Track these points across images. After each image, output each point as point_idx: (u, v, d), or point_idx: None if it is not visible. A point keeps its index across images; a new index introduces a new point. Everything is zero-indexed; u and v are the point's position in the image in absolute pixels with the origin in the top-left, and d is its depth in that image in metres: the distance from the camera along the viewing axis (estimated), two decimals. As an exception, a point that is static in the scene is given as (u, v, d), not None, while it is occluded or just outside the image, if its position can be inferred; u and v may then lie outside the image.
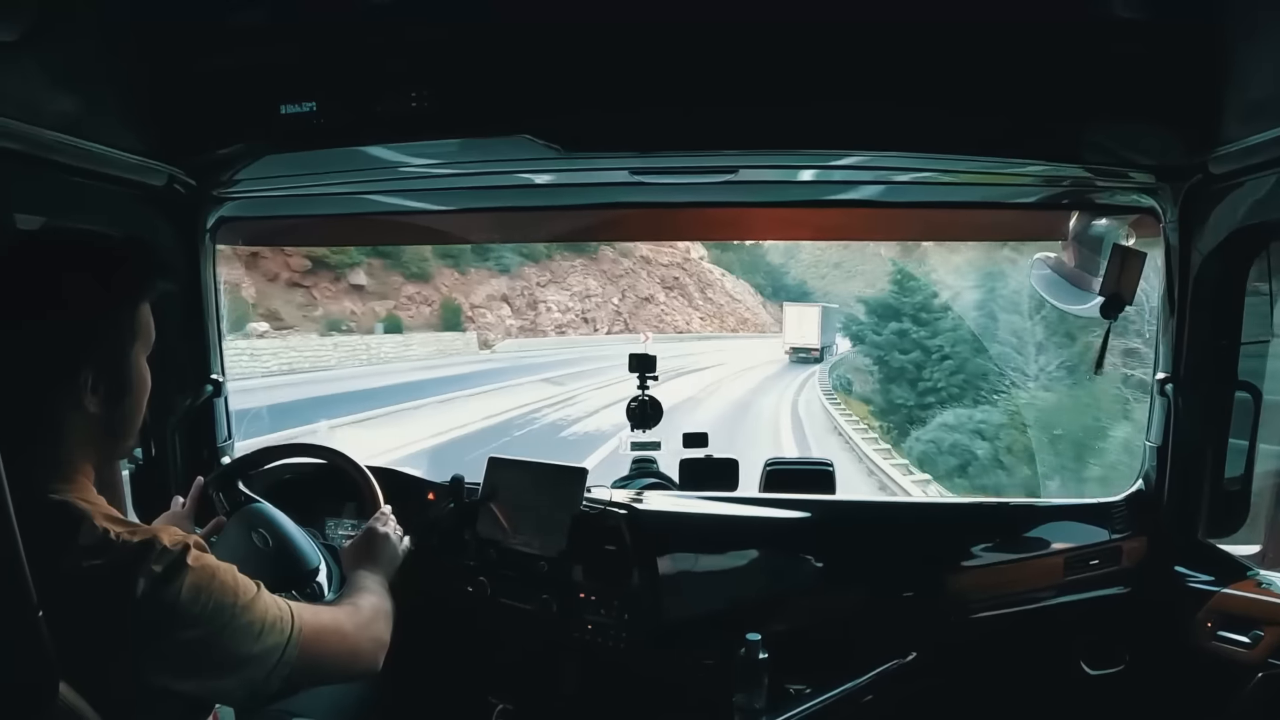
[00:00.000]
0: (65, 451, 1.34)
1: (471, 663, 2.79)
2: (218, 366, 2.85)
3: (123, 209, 2.35)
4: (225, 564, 1.37)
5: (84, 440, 1.36)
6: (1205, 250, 2.36)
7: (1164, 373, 2.54)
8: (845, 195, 2.81)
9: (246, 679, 1.37)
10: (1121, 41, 1.95)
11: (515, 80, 2.06)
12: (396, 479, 2.79)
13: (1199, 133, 2.11)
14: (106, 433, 1.40)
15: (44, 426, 1.32)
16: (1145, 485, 2.70)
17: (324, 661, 1.51)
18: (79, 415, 1.34)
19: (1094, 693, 2.64)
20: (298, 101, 2.12)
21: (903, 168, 2.52)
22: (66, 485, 1.32)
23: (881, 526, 2.85)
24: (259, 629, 1.37)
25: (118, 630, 1.23)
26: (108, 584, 1.23)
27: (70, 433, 1.34)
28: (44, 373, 1.31)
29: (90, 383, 1.34)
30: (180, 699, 1.37)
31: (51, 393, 1.32)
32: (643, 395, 2.97)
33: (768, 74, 2.02)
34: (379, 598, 1.84)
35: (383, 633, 1.75)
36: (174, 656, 1.28)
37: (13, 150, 1.79)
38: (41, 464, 1.29)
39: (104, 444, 1.41)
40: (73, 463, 1.35)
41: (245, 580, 1.38)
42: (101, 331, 1.38)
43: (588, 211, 2.99)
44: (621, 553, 2.60)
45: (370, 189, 2.74)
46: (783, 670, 2.39)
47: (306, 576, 2.08)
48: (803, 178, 2.67)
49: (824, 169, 2.58)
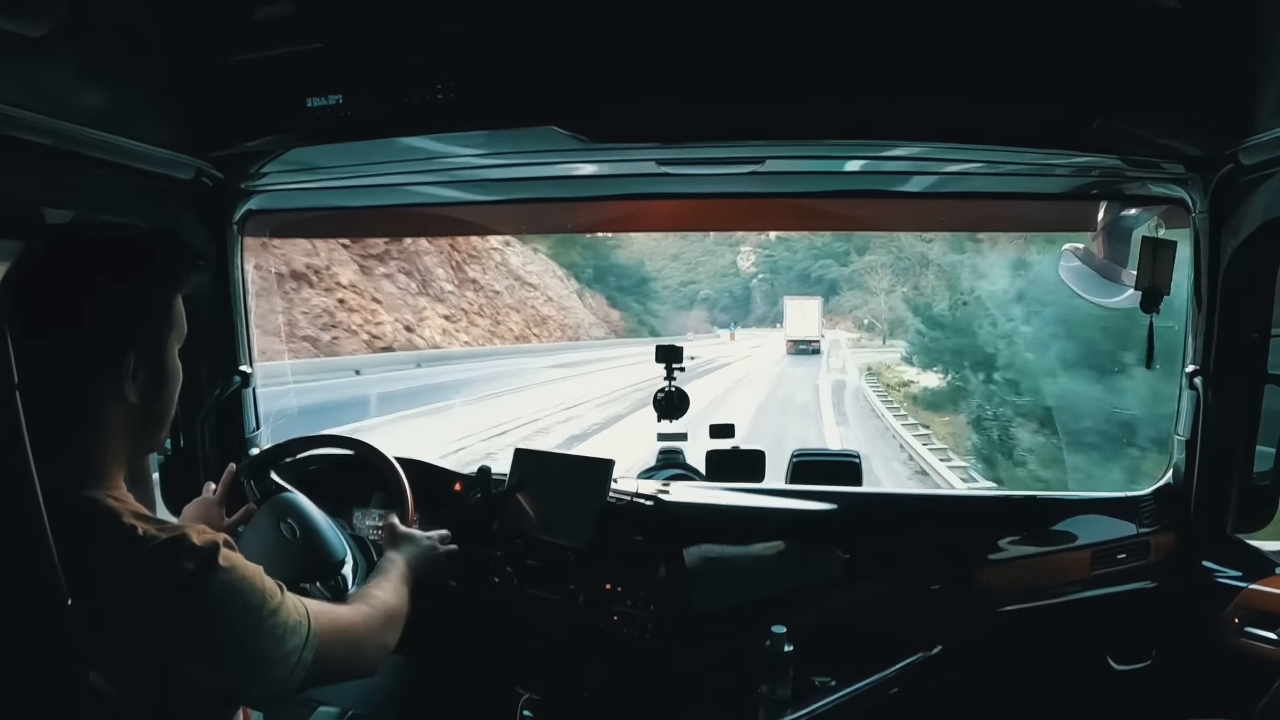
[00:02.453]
0: (102, 444, 1.35)
1: (498, 653, 2.80)
2: (246, 358, 2.87)
3: (151, 202, 2.36)
4: (254, 565, 1.37)
5: (121, 432, 1.37)
6: (1236, 241, 2.34)
7: (1193, 365, 2.52)
8: (872, 186, 2.80)
9: (268, 681, 1.38)
10: (1152, 30, 1.93)
11: (542, 71, 2.06)
12: (424, 470, 2.81)
13: (1230, 123, 2.09)
14: (143, 423, 1.41)
15: (85, 418, 1.33)
16: (1174, 479, 2.68)
17: (332, 663, 1.51)
18: (119, 405, 1.35)
19: (1120, 688, 2.63)
20: (324, 94, 2.12)
21: (931, 158, 2.51)
22: (98, 481, 1.32)
23: (908, 519, 2.84)
24: (282, 631, 1.37)
25: (146, 628, 1.24)
26: (136, 582, 1.23)
27: (109, 424, 1.35)
28: (90, 361, 1.32)
29: (132, 371, 1.34)
30: (207, 695, 1.37)
31: (95, 382, 1.33)
32: (669, 386, 2.97)
33: (795, 65, 2.01)
34: (396, 599, 1.83)
35: (390, 638, 1.74)
36: (200, 655, 1.29)
37: (42, 145, 1.80)
38: (77, 459, 1.30)
39: (139, 436, 1.41)
40: (107, 456, 1.35)
41: (271, 583, 1.38)
42: (144, 320, 1.40)
43: (614, 203, 2.99)
44: (648, 544, 2.61)
45: (397, 181, 2.75)
46: (808, 662, 2.38)
47: (332, 568, 2.08)
48: (829, 169, 2.66)
49: (851, 160, 2.57)
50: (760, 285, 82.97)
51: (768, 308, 78.98)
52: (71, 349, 1.30)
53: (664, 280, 77.54)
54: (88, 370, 1.32)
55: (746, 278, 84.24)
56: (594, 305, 53.50)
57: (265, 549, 2.03)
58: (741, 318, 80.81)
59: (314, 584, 2.01)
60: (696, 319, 75.23)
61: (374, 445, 2.58)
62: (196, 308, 2.66)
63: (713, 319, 78.66)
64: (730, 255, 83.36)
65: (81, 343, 1.31)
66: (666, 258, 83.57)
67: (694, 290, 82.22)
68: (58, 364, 1.26)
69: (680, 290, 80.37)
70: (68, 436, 1.29)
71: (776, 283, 79.46)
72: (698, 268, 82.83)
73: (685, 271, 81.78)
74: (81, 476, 1.30)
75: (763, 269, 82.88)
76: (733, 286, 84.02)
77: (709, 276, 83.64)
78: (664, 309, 68.19)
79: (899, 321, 52.65)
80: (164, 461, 2.76)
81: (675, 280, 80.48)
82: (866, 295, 65.36)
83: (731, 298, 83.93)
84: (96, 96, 1.88)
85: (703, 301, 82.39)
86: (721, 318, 79.30)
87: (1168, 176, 2.44)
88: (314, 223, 3.34)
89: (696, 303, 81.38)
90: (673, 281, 79.99)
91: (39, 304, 1.26)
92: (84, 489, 1.29)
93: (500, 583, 2.69)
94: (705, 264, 79.43)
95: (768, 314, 78.41)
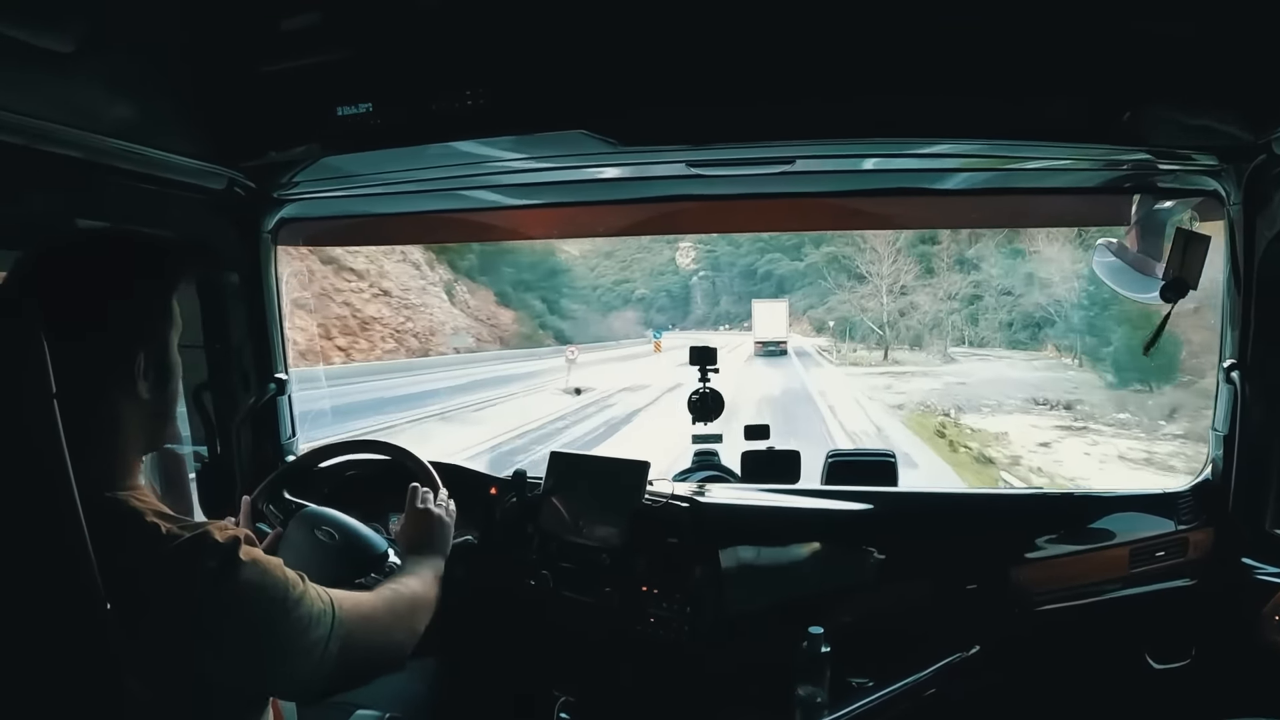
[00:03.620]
0: (120, 445, 1.38)
1: (534, 655, 2.81)
2: (281, 365, 2.90)
3: (184, 213, 2.39)
4: (274, 558, 1.39)
5: (135, 430, 1.40)
6: (1271, 233, 2.32)
7: (1231, 359, 2.49)
8: (903, 184, 2.78)
9: (297, 672, 1.40)
10: (1182, 21, 1.91)
11: (570, 76, 2.06)
12: (459, 474, 2.81)
13: (1262, 113, 2.07)
14: (153, 418, 1.44)
15: (104, 419, 1.36)
16: (1212, 474, 2.65)
17: (360, 650, 1.53)
18: (132, 403, 1.38)
19: (1159, 687, 2.61)
20: (354, 103, 2.14)
21: (962, 154, 2.49)
22: (120, 481, 1.36)
23: (944, 518, 2.83)
24: (308, 621, 1.39)
25: (173, 626, 1.26)
26: (161, 580, 1.26)
27: (125, 423, 1.38)
28: (106, 362, 1.36)
29: (143, 369, 1.38)
30: (236, 693, 1.39)
31: (110, 383, 1.36)
32: (704, 388, 2.97)
33: (823, 65, 2.00)
34: (424, 586, 1.84)
35: (418, 624, 1.75)
36: (229, 651, 1.30)
37: (74, 158, 1.82)
38: (99, 461, 1.32)
39: (150, 432, 1.45)
40: (126, 456, 1.39)
41: (293, 574, 1.41)
42: (152, 318, 1.43)
43: (645, 205, 2.98)
44: (683, 546, 2.61)
45: (428, 187, 2.76)
46: (845, 663, 2.37)
47: (379, 559, 2.15)
48: (860, 167, 2.65)
49: (881, 158, 2.56)
50: (701, 283, 75.64)
51: (709, 308, 73.40)
52: (89, 351, 1.33)
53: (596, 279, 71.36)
54: (104, 372, 1.36)
55: (686, 275, 76.42)
56: (472, 304, 40.26)
57: (308, 559, 2.07)
58: (679, 319, 73.43)
59: (368, 576, 2.07)
60: (627, 321, 67.02)
61: (393, 443, 2.60)
62: (231, 315, 2.73)
63: (649, 320, 71.35)
64: (669, 252, 75.74)
65: (98, 345, 1.35)
66: (600, 254, 75.02)
67: (629, 289, 74.83)
68: (77, 367, 1.26)
69: (613, 290, 73.17)
70: (90, 439, 1.30)
71: (718, 280, 73.45)
72: (632, 265, 74.83)
73: (619, 269, 74.17)
74: (105, 478, 1.33)
75: (703, 265, 75.32)
76: (670, 285, 76.27)
77: (644, 275, 75.78)
78: (584, 310, 60.20)
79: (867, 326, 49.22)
80: (201, 468, 2.78)
81: (609, 279, 73.37)
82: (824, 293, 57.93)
83: (669, 297, 76.09)
84: (127, 110, 1.91)
85: (638, 301, 74.82)
86: (658, 319, 71.61)
87: (1200, 168, 2.42)
88: (347, 230, 3.36)
89: (631, 302, 73.84)
90: (606, 280, 72.83)
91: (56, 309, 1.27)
92: (108, 490, 1.32)
93: (536, 585, 2.70)
94: (641, 261, 71.14)
95: (709, 314, 72.85)
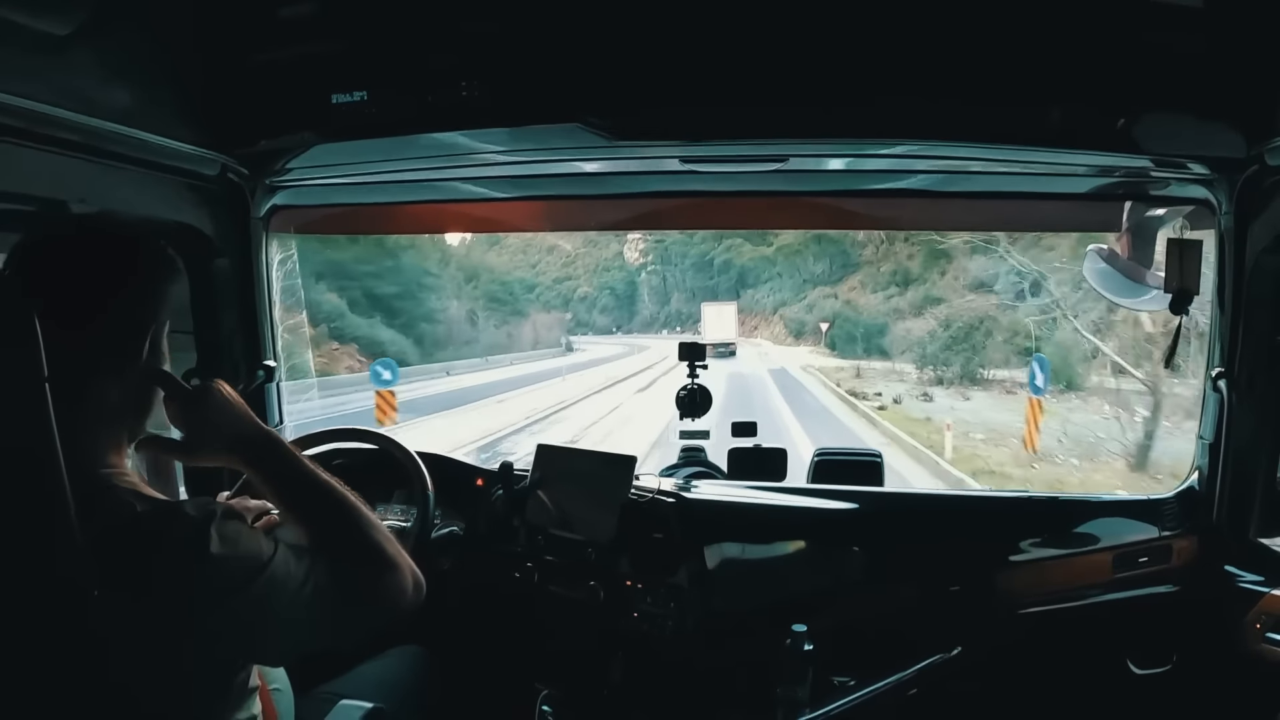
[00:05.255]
0: (106, 427, 1.40)
1: (518, 649, 2.81)
2: (271, 353, 2.90)
3: (177, 198, 2.38)
4: (248, 527, 1.39)
5: (121, 413, 1.43)
6: (1261, 242, 2.33)
7: (1218, 368, 2.50)
8: (896, 185, 2.79)
9: (290, 637, 1.41)
10: (1176, 30, 1.92)
11: (566, 69, 2.07)
12: (445, 465, 2.82)
13: (1255, 123, 2.09)
14: (140, 400, 1.46)
15: (90, 400, 1.37)
16: (1197, 482, 2.66)
17: (348, 569, 1.47)
18: (119, 387, 1.40)
19: (1140, 692, 2.62)
20: (349, 91, 2.15)
21: (955, 157, 2.50)
22: (104, 461, 1.37)
23: (929, 519, 2.84)
24: (293, 586, 1.37)
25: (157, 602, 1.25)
26: (141, 556, 1.25)
27: (111, 405, 1.40)
28: (101, 348, 1.38)
29: (146, 350, 1.42)
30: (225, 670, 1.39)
31: (103, 368, 1.38)
32: (692, 384, 2.97)
33: (819, 67, 2.01)
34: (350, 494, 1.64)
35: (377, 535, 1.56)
36: (216, 623, 1.30)
37: (69, 140, 1.82)
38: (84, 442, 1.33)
39: (136, 415, 1.47)
40: (112, 439, 1.41)
41: (264, 539, 1.39)
42: (143, 303, 1.44)
43: (638, 200, 2.99)
44: (669, 541, 2.62)
45: (421, 177, 2.76)
46: (828, 662, 2.39)
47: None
48: (854, 167, 2.66)
49: (877, 158, 2.57)
50: (650, 279, 68.00)
51: (658, 307, 65.89)
52: (85, 338, 1.35)
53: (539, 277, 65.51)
54: (98, 357, 1.37)
55: (634, 270, 68.64)
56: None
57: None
58: (624, 320, 66.96)
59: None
60: (547, 326, 57.64)
61: (395, 439, 2.61)
62: (221, 301, 2.72)
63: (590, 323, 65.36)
64: (617, 245, 69.24)
65: (95, 332, 1.36)
66: (542, 250, 69.65)
67: (571, 287, 68.78)
68: (67, 352, 1.28)
69: (554, 288, 67.22)
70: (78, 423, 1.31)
71: (669, 275, 65.79)
72: (576, 261, 68.46)
73: (561, 266, 68.18)
74: (91, 460, 1.34)
75: (653, 258, 66.24)
76: (615, 282, 68.66)
77: (589, 271, 69.13)
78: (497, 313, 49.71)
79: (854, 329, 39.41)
80: None
81: (550, 276, 67.48)
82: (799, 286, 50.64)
83: (614, 296, 68.65)
84: (122, 94, 1.91)
85: (580, 301, 68.37)
86: (602, 321, 65.93)
87: (1192, 177, 2.43)
88: (338, 219, 3.35)
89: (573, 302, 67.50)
90: (546, 278, 67.04)
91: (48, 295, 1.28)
92: (92, 470, 1.33)
93: (521, 579, 2.70)
94: (586, 256, 64.28)
95: (657, 315, 65.28)
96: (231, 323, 2.76)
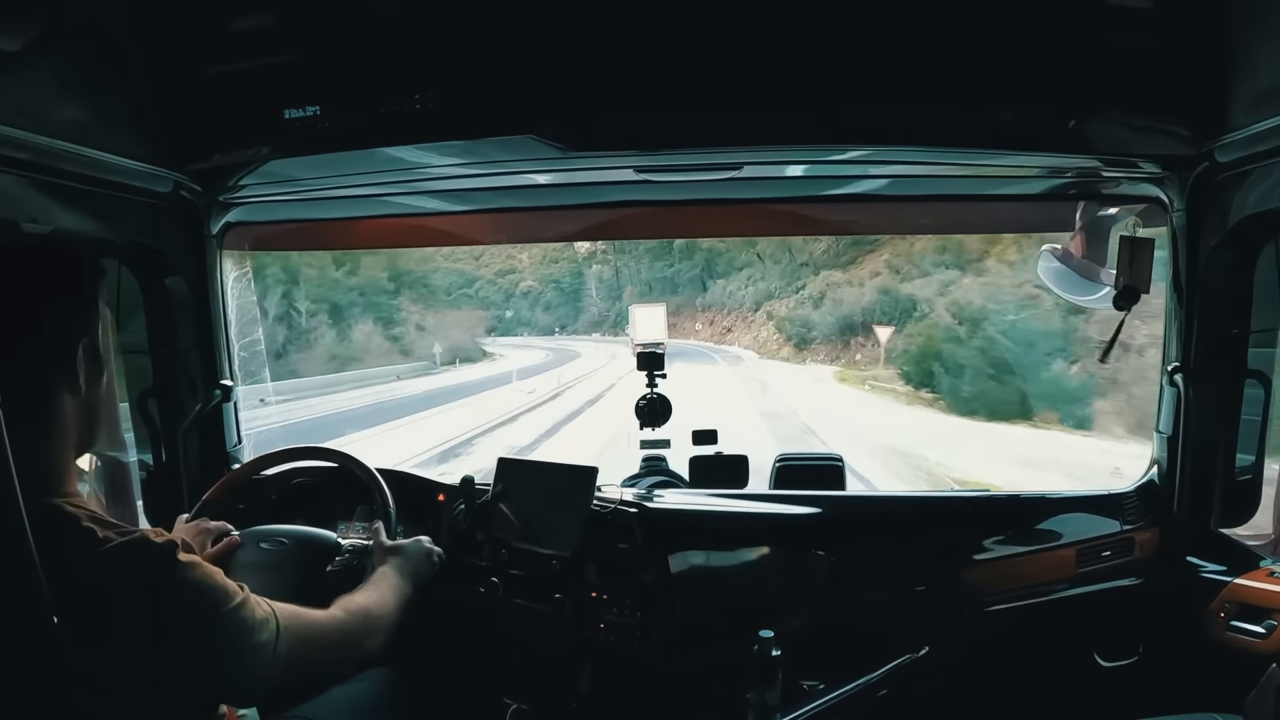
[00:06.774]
0: (57, 449, 1.38)
1: (486, 663, 2.78)
2: (227, 372, 2.86)
3: (130, 216, 2.35)
4: (212, 565, 1.40)
5: (72, 431, 1.40)
6: (1213, 238, 2.37)
7: (1175, 362, 2.54)
8: (851, 190, 2.81)
9: (246, 672, 1.41)
10: (1125, 31, 1.95)
11: (519, 81, 2.07)
12: (405, 480, 2.79)
13: (1205, 121, 2.12)
14: (89, 417, 1.45)
15: (43, 423, 1.35)
16: (1157, 475, 2.70)
17: (308, 662, 1.55)
18: (65, 403, 1.38)
19: (1107, 684, 2.64)
20: (302, 105, 2.14)
21: (910, 161, 2.52)
22: (56, 486, 1.35)
23: (892, 521, 2.85)
24: (251, 623, 1.40)
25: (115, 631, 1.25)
26: (99, 585, 1.25)
27: (64, 425, 1.38)
28: (46, 364, 1.36)
29: (82, 359, 1.39)
30: (188, 698, 1.38)
31: (51, 385, 1.36)
32: (651, 394, 2.97)
33: (773, 74, 2.03)
34: (379, 607, 1.86)
35: (370, 645, 1.77)
36: (173, 652, 1.30)
37: (17, 159, 1.79)
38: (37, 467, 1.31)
39: (85, 431, 1.45)
40: (63, 460, 1.39)
41: (232, 583, 1.41)
42: (90, 313, 1.44)
43: (594, 211, 2.98)
44: (633, 551, 2.60)
45: (376, 192, 2.75)
46: (796, 666, 2.38)
47: (335, 548, 2.26)
48: (810, 173, 2.67)
49: (830, 164, 2.58)
50: (601, 270, 58.77)
51: (609, 304, 58.39)
52: (29, 355, 1.33)
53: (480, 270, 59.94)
54: (38, 374, 1.35)
55: (583, 263, 59.80)
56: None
57: (264, 570, 2.11)
58: (570, 319, 60.76)
59: (332, 562, 2.20)
60: (462, 329, 48.46)
61: (355, 456, 2.59)
62: (176, 320, 2.69)
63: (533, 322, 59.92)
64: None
65: (39, 348, 1.35)
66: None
67: (514, 281, 62.40)
68: (12, 371, 1.28)
69: (495, 283, 61.32)
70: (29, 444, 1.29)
71: (622, 266, 56.79)
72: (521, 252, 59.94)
73: (504, 259, 61.32)
74: (41, 485, 1.31)
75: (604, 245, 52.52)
76: (562, 276, 61.53)
77: (534, 263, 62.13)
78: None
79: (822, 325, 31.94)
80: (146, 476, 2.74)
81: (491, 270, 61.42)
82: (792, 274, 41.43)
83: (560, 292, 61.65)
84: (73, 111, 1.89)
85: (523, 297, 62.32)
86: (545, 320, 60.67)
87: (1145, 176, 2.46)
88: (294, 235, 3.33)
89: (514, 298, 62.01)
90: (488, 272, 61.26)
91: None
92: (45, 496, 1.30)
93: (486, 593, 2.68)
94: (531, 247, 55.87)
95: (608, 313, 57.94)
96: (188, 341, 2.73)
